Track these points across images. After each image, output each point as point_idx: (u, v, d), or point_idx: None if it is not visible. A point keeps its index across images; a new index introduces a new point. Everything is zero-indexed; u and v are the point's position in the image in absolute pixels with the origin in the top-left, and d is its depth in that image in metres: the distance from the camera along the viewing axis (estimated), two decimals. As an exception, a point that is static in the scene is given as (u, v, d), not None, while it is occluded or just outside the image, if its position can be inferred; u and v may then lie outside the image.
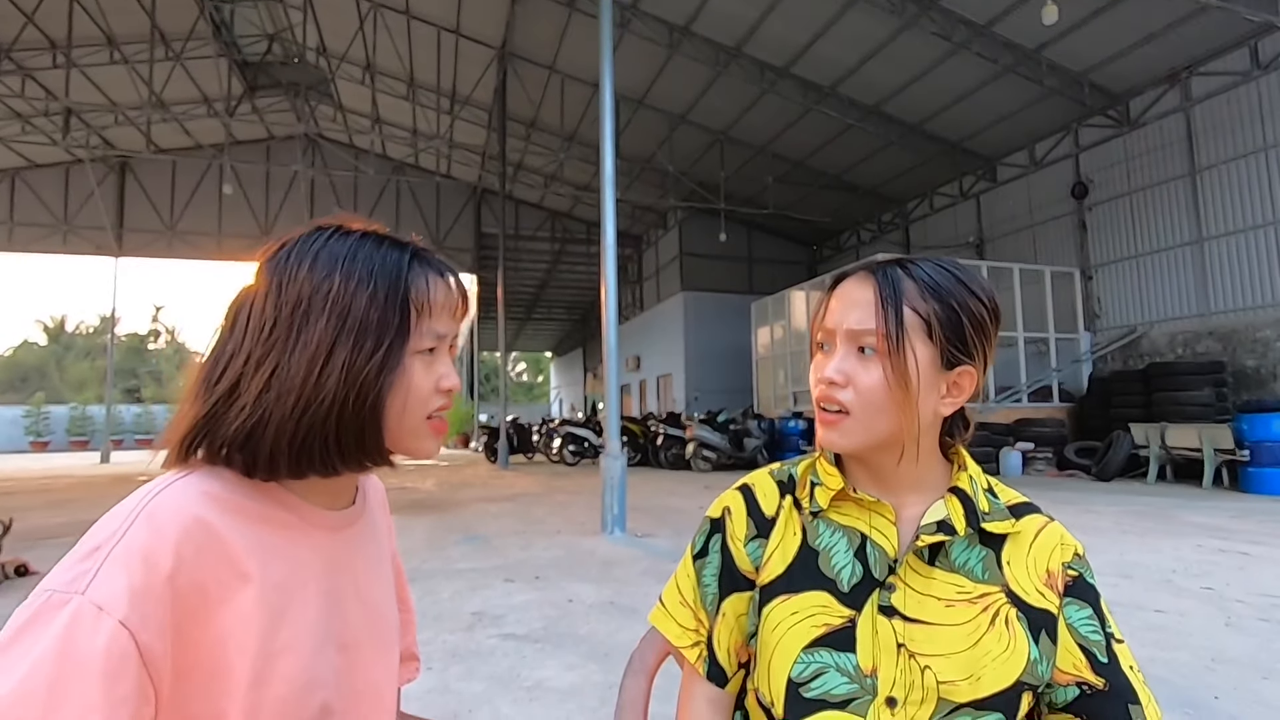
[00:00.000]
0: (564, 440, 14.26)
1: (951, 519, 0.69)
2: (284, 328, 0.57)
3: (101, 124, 15.82)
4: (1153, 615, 3.15)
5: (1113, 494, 7.66)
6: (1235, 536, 4.99)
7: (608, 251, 6.19)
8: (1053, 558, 0.70)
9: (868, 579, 0.69)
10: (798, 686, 0.67)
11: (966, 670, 0.64)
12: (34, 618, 0.45)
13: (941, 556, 0.69)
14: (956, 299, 0.69)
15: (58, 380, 38.97)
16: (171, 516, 0.51)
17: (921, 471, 0.73)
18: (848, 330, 0.69)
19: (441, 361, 0.65)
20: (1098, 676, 0.66)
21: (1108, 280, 11.49)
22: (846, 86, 12.13)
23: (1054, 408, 11.23)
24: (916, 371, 0.66)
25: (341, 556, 0.66)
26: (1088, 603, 0.68)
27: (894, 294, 0.68)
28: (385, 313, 0.59)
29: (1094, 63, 10.29)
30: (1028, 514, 0.73)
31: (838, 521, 0.73)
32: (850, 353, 0.69)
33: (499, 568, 4.44)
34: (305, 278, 0.59)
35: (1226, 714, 2.13)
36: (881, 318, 0.67)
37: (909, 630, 0.66)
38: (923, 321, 0.67)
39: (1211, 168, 9.88)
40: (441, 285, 0.65)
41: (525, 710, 2.26)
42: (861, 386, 0.67)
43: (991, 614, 0.66)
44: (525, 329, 34.73)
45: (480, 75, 14.62)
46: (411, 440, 0.64)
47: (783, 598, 0.71)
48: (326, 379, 0.56)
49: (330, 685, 0.60)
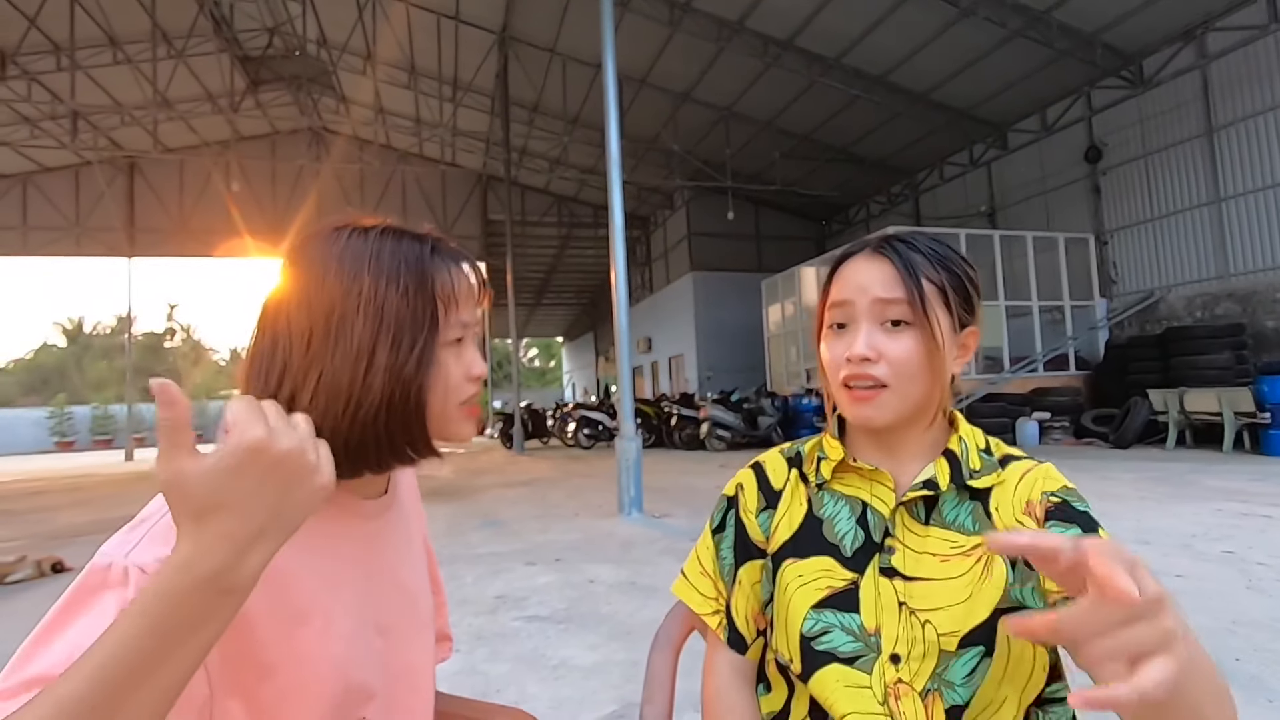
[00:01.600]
0: (578, 424, 14.35)
1: (937, 477, 0.71)
2: (322, 336, 0.58)
3: (108, 125, 15.89)
4: (1172, 580, 3.15)
5: (1131, 461, 7.61)
6: (1256, 500, 4.95)
7: (616, 234, 6.17)
8: (1033, 490, 0.70)
9: (869, 543, 0.72)
10: (809, 640, 0.70)
11: (963, 622, 0.66)
12: (88, 580, 0.51)
13: (935, 515, 0.72)
14: (958, 267, 0.74)
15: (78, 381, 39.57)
16: None
17: (924, 435, 0.75)
18: (874, 301, 0.71)
19: (469, 350, 0.67)
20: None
21: (1123, 245, 11.32)
22: (852, 57, 11.94)
23: (1070, 376, 11.13)
24: (942, 335, 0.70)
25: (377, 544, 0.69)
26: (1074, 524, 0.65)
27: (910, 265, 0.71)
28: (417, 308, 0.61)
29: (1105, 23, 10.05)
30: (1015, 461, 0.74)
31: (841, 491, 0.77)
32: (875, 327, 0.71)
33: (519, 551, 4.50)
34: (334, 283, 0.60)
35: (1247, 675, 2.14)
36: (909, 287, 0.70)
37: (909, 588, 0.69)
38: (938, 289, 0.71)
39: (1229, 125, 9.66)
40: (463, 275, 0.66)
41: (551, 689, 2.30)
42: (895, 358, 0.70)
43: (984, 565, 0.68)
44: (535, 314, 34.79)
45: (481, 61, 14.52)
46: (450, 427, 0.66)
47: (790, 561, 0.75)
48: (373, 380, 0.58)
49: (370, 667, 0.64)
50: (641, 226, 22.91)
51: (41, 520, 7.19)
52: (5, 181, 17.92)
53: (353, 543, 0.66)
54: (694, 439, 12.43)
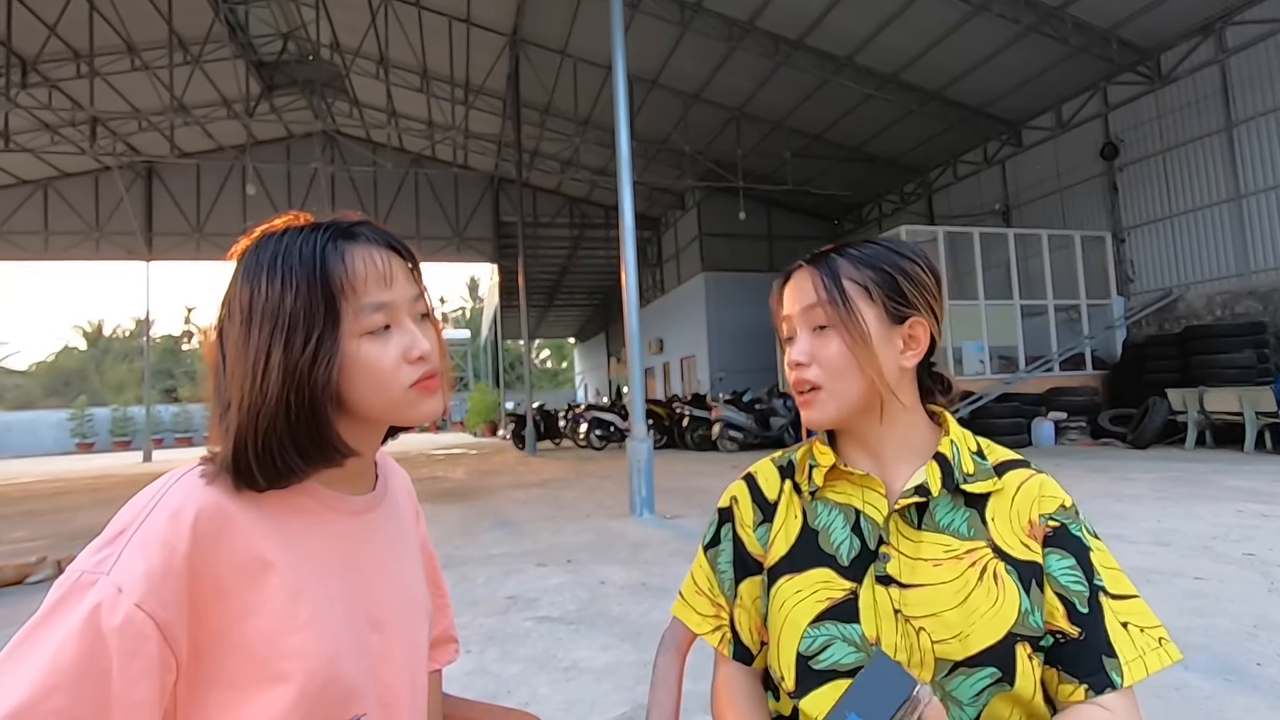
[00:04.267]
0: (590, 425, 14.36)
1: (929, 483, 0.71)
2: (240, 345, 0.59)
3: (126, 131, 16.14)
4: (1191, 582, 3.10)
5: (1149, 461, 7.51)
6: (1278, 500, 4.87)
7: (626, 236, 6.18)
8: (1033, 509, 0.71)
9: (865, 551, 0.72)
10: (807, 660, 0.70)
11: (957, 628, 0.66)
12: (65, 596, 0.50)
13: (927, 519, 0.72)
14: (887, 262, 0.76)
15: (98, 383, 40.17)
16: (188, 503, 0.55)
17: (908, 435, 0.76)
18: (800, 310, 0.76)
19: (401, 334, 0.64)
20: (1073, 626, 0.66)
21: (1141, 242, 11.17)
22: (864, 56, 11.88)
23: (1087, 375, 11.00)
24: (867, 330, 0.72)
25: (366, 539, 0.69)
26: (1070, 553, 0.68)
27: (830, 271, 0.75)
28: (310, 304, 0.59)
29: (1122, 17, 9.93)
30: (1012, 470, 0.75)
31: (834, 500, 0.77)
32: (807, 334, 0.76)
33: (531, 552, 4.51)
34: (244, 290, 0.60)
35: (1269, 680, 2.10)
36: (823, 291, 0.74)
37: (904, 596, 0.69)
38: (860, 287, 0.74)
39: (1249, 120, 9.51)
40: (363, 257, 0.63)
41: (562, 690, 2.31)
42: (823, 358, 0.74)
43: (979, 569, 0.68)
44: (547, 316, 34.88)
45: (493, 63, 14.59)
46: (403, 412, 0.65)
47: (787, 577, 0.75)
48: (268, 383, 0.58)
49: (363, 662, 0.63)
50: (653, 227, 22.90)
51: (62, 520, 7.30)
52: (27, 187, 18.24)
53: (340, 538, 0.66)
54: (706, 440, 12.41)
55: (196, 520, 0.54)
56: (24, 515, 7.99)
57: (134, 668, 0.48)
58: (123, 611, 0.48)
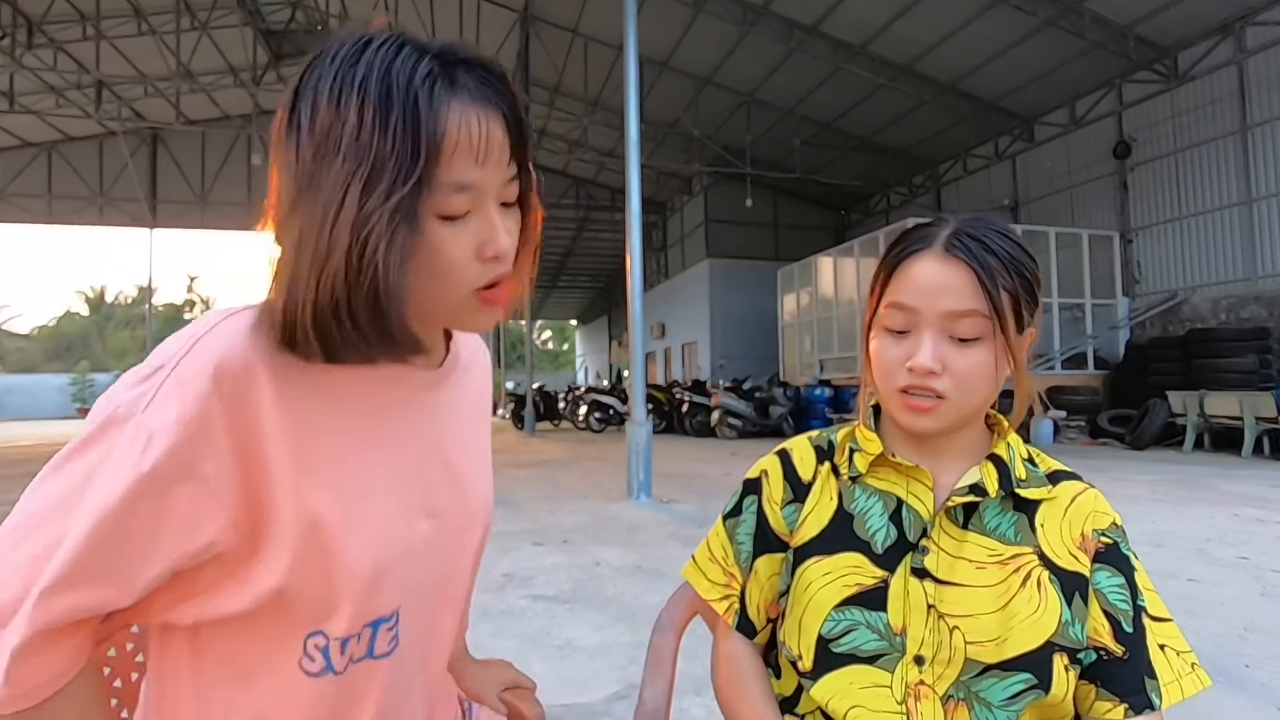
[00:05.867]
0: (590, 407, 14.40)
1: (984, 482, 0.69)
2: (308, 175, 0.49)
3: (132, 96, 15.99)
4: (1185, 584, 3.12)
5: (1147, 462, 7.52)
6: (1275, 506, 4.88)
7: (633, 219, 6.14)
8: (1087, 523, 0.69)
9: (902, 542, 0.70)
10: (828, 642, 0.69)
11: (994, 632, 0.65)
12: (99, 431, 0.48)
13: (975, 520, 0.70)
14: (1027, 269, 0.69)
15: (100, 349, 40.23)
16: (227, 351, 0.49)
17: (967, 437, 0.73)
18: (944, 313, 0.67)
19: (481, 221, 0.53)
20: (1118, 644, 0.65)
21: (1148, 244, 11.11)
22: (877, 45, 11.75)
23: (1089, 375, 10.99)
24: (1017, 349, 0.68)
25: (423, 418, 0.62)
26: (1120, 572, 0.67)
27: (990, 274, 0.66)
28: (403, 149, 0.48)
29: (1140, 14, 9.80)
30: (1066, 480, 0.73)
31: (875, 486, 0.74)
32: (942, 338, 0.67)
33: (528, 531, 4.54)
34: (326, 108, 0.48)
35: (1257, 682, 2.12)
36: (985, 298, 0.66)
37: (940, 592, 0.67)
38: (1012, 298, 0.67)
39: (1265, 124, 9.42)
40: (460, 117, 0.50)
41: (556, 668, 2.33)
42: (959, 372, 0.67)
43: (1023, 576, 0.67)
44: (551, 297, 34.82)
45: (503, 40, 14.43)
46: (459, 317, 0.58)
47: (816, 558, 0.73)
48: (340, 228, 0.47)
49: (410, 551, 0.58)
50: (659, 211, 22.79)
51: (62, 484, 7.33)
52: (31, 150, 18.13)
53: (401, 415, 0.59)
54: (705, 426, 12.44)
55: (232, 372, 0.48)
56: (23, 477, 7.98)
57: (164, 507, 0.47)
58: (156, 451, 0.46)
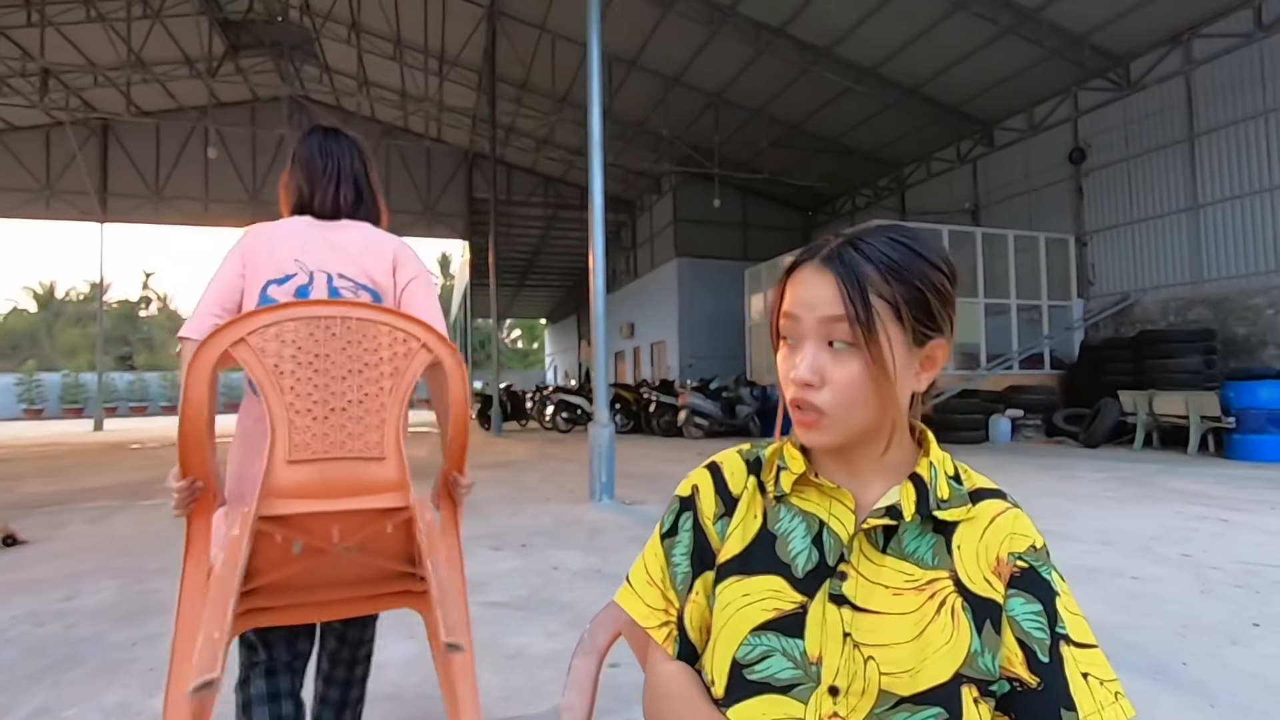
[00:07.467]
0: (557, 407, 14.31)
1: (902, 504, 0.67)
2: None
3: (80, 85, 15.43)
4: (1129, 582, 3.19)
5: (1098, 461, 7.73)
6: (1216, 503, 5.05)
7: (596, 219, 6.10)
8: (1003, 546, 0.66)
9: (822, 566, 0.68)
10: (742, 668, 0.66)
11: (909, 663, 0.63)
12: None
13: (894, 543, 0.67)
14: (919, 276, 0.65)
15: (49, 347, 38.77)
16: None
17: (895, 455, 0.70)
18: (818, 320, 0.65)
19: None
20: (1032, 674, 0.62)
21: (1102, 247, 11.44)
22: (844, 47, 11.88)
23: (1045, 375, 11.28)
24: (893, 358, 0.64)
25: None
26: (1037, 598, 0.64)
27: (857, 282, 0.64)
28: None
29: (1095, 23, 10.07)
30: (988, 499, 0.70)
31: (798, 506, 0.72)
32: (820, 348, 0.66)
33: (486, 535, 4.47)
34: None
35: (1192, 679, 2.17)
36: (851, 308, 0.63)
37: (856, 619, 0.65)
38: (890, 306, 0.64)
39: (1210, 132, 9.76)
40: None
41: (505, 678, 2.28)
42: (838, 383, 0.65)
43: (938, 603, 0.64)
44: (519, 295, 34.55)
45: (469, 34, 14.26)
46: None
47: (736, 578, 0.70)
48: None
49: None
50: (628, 210, 22.75)
51: (6, 488, 7.04)
52: (-28, 139, 17.37)
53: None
54: (672, 426, 12.46)
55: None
56: (-40, 483, 7.67)
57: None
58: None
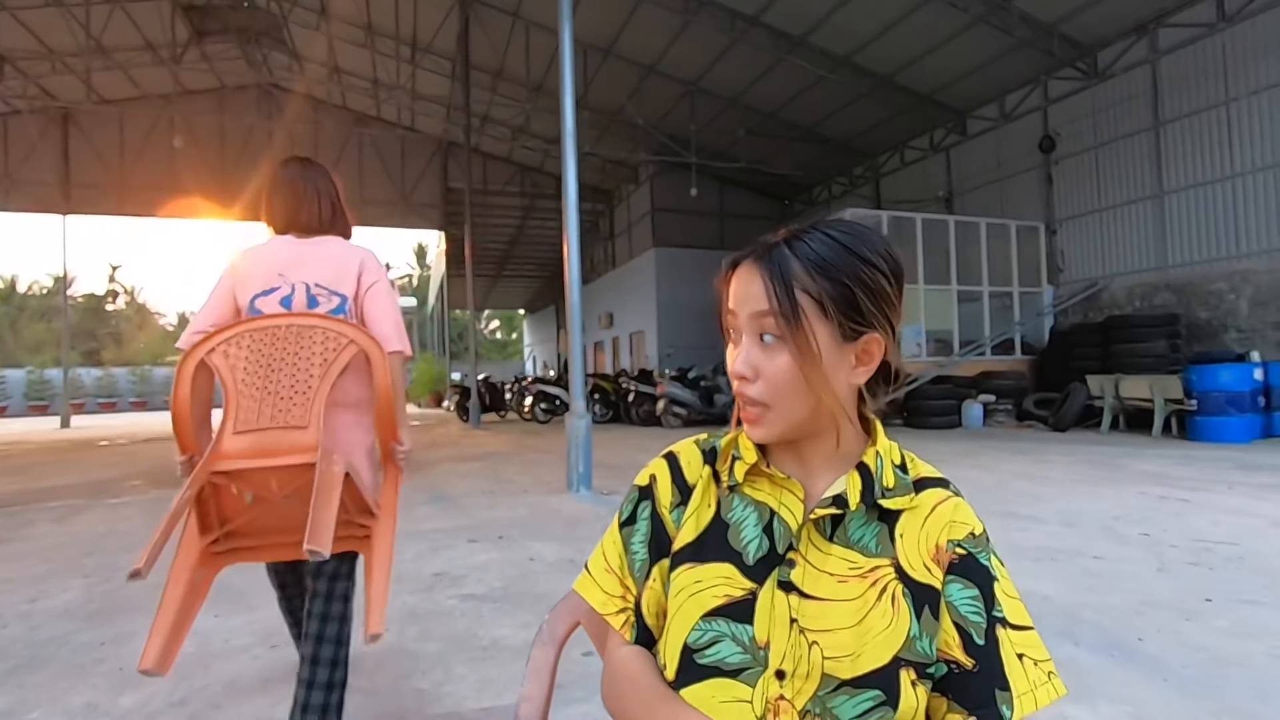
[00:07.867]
0: (535, 398, 14.27)
1: (848, 494, 0.69)
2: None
3: (38, 73, 14.94)
4: (1091, 561, 3.29)
5: (1067, 444, 7.91)
6: (1177, 484, 5.20)
7: (570, 210, 6.08)
8: (943, 534, 0.69)
9: (772, 554, 0.70)
10: (693, 652, 0.68)
11: (850, 647, 0.65)
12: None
13: (840, 532, 0.69)
14: (846, 273, 0.67)
15: (12, 343, 37.73)
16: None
17: (845, 444, 0.73)
18: (750, 316, 0.69)
19: None
20: (968, 656, 0.65)
21: (1071, 234, 11.64)
22: (818, 36, 11.90)
23: (1016, 360, 11.48)
24: (819, 351, 0.66)
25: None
26: (974, 583, 0.66)
27: (782, 278, 0.66)
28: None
29: (1063, 13, 10.20)
30: (931, 488, 0.72)
31: (750, 496, 0.74)
32: (753, 342, 0.69)
33: (463, 528, 4.47)
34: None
35: (1148, 655, 2.24)
36: (775, 303, 0.66)
37: (803, 606, 0.67)
38: (814, 301, 0.66)
39: (1174, 121, 9.95)
40: None
41: (479, 670, 2.30)
42: (770, 375, 0.68)
43: (879, 589, 0.66)
44: (497, 286, 34.27)
45: (441, 21, 14.05)
46: None
47: (689, 565, 0.72)
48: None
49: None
50: (606, 200, 22.65)
51: (-37, 490, 6.86)
52: (-76, 128, 16.78)
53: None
54: (651, 416, 12.50)
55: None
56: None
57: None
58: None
